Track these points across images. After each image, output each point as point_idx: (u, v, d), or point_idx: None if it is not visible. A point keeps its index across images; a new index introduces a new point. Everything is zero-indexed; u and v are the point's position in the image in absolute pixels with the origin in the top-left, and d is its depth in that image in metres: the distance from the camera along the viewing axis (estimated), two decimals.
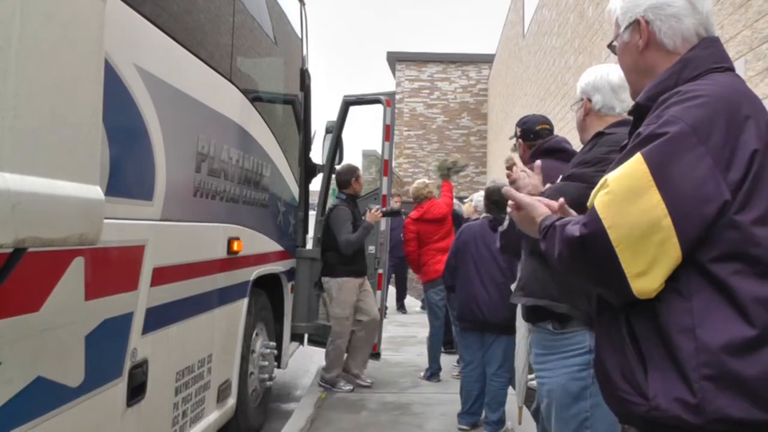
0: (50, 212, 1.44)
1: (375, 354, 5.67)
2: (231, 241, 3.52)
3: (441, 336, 6.02)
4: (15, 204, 1.31)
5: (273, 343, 4.52)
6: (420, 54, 20.47)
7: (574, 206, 2.00)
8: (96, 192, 1.60)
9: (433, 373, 5.90)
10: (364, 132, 8.10)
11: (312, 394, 5.06)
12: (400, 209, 5.51)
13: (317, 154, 5.76)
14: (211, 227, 3.30)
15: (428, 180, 6.53)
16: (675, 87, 1.31)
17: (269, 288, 4.56)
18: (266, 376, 4.38)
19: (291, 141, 5.06)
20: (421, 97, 20.13)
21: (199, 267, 3.15)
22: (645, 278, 1.18)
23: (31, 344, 1.84)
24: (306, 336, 5.65)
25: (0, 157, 1.30)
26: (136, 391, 2.55)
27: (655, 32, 1.41)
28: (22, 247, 1.43)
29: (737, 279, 1.16)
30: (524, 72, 13.66)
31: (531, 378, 5.48)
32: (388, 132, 5.29)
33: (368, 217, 5.17)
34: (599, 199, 1.24)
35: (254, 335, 4.23)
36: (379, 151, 5.58)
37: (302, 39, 5.33)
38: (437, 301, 5.84)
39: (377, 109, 5.47)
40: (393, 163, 5.56)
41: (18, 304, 1.76)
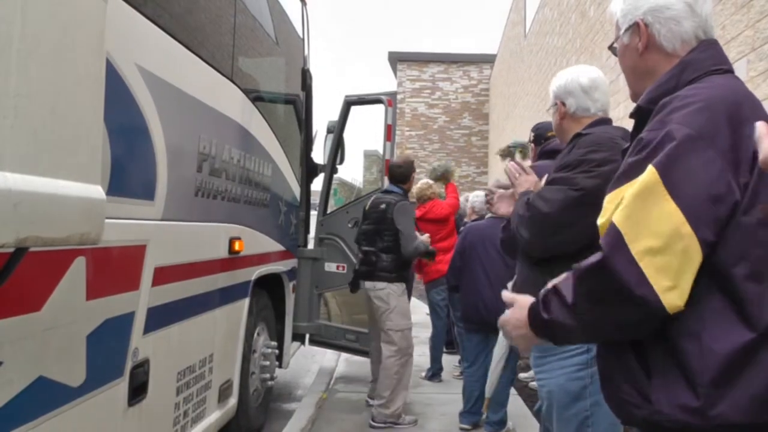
0: (51, 212, 1.44)
1: None
2: (232, 241, 3.52)
3: (443, 336, 6.01)
4: (16, 203, 1.31)
5: (274, 343, 4.53)
6: (421, 54, 20.44)
7: (562, 210, 2.01)
8: (97, 191, 1.60)
9: (435, 374, 5.89)
10: (366, 132, 8.07)
11: (313, 394, 5.06)
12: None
13: (318, 154, 5.77)
14: (213, 227, 3.30)
15: (431, 181, 6.51)
16: (675, 90, 1.31)
17: (270, 288, 4.56)
18: (267, 376, 4.38)
19: (292, 141, 5.06)
20: (423, 97, 20.10)
21: (201, 267, 3.15)
22: (675, 292, 1.14)
23: (33, 344, 1.84)
24: (307, 336, 5.64)
25: (1, 157, 1.30)
26: (138, 391, 2.55)
27: (655, 35, 1.42)
28: (24, 247, 1.43)
29: (743, 281, 1.15)
30: (526, 72, 13.65)
31: (529, 378, 5.49)
32: (390, 132, 5.29)
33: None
34: (618, 216, 1.20)
35: (255, 335, 4.23)
36: (381, 151, 5.57)
37: (303, 39, 5.33)
38: (439, 301, 5.84)
39: (379, 109, 5.46)
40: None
41: (19, 304, 1.76)
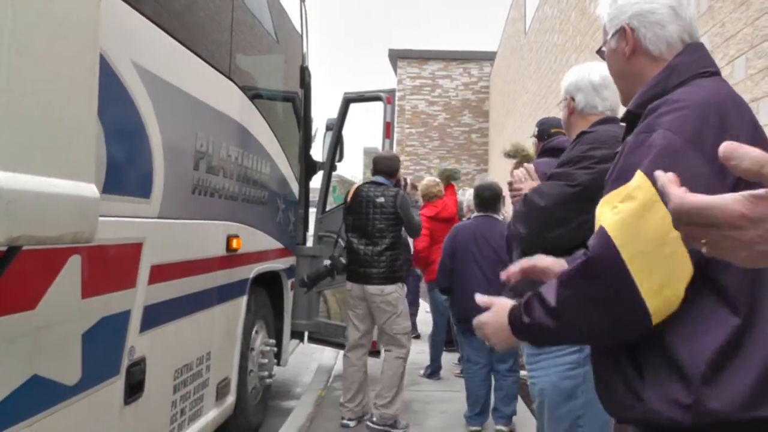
0: (44, 210, 1.43)
1: (374, 351, 5.63)
2: (230, 239, 3.51)
3: (443, 335, 6.00)
4: (8, 202, 1.30)
5: (273, 341, 4.52)
6: (421, 51, 20.41)
7: (556, 204, 2.02)
8: (91, 190, 1.59)
9: (434, 371, 5.89)
10: (366, 129, 8.05)
11: (312, 392, 5.06)
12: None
13: (318, 152, 5.76)
14: (210, 225, 3.29)
15: (438, 179, 6.49)
16: (663, 94, 1.31)
17: (269, 285, 4.55)
18: (266, 374, 4.38)
19: (291, 138, 5.05)
20: (423, 95, 20.08)
21: (198, 265, 3.15)
22: (664, 294, 1.15)
23: (28, 342, 1.83)
24: (306, 333, 5.63)
25: None
26: (134, 389, 2.54)
27: (641, 39, 1.43)
28: (17, 246, 1.42)
29: (727, 277, 1.16)
30: (526, 69, 13.63)
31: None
32: (389, 129, 5.28)
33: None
34: (608, 220, 1.20)
35: (254, 333, 4.23)
36: (380, 149, 5.56)
37: (302, 36, 5.32)
38: (443, 300, 5.82)
39: (379, 106, 5.45)
40: None
41: (14, 302, 1.76)
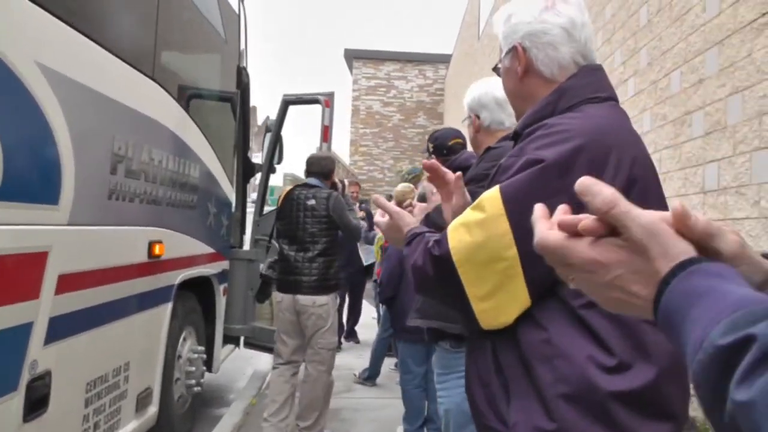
0: None
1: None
2: (152, 245, 3.40)
3: (387, 342, 5.96)
4: None
5: (201, 348, 4.41)
6: (377, 52, 20.40)
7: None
8: None
9: (371, 377, 5.84)
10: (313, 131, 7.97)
11: (243, 399, 4.96)
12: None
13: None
14: (129, 231, 3.18)
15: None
16: (552, 116, 1.28)
17: (200, 291, 4.44)
18: (193, 382, 4.26)
19: (225, 140, 4.93)
20: (378, 95, 20.07)
21: (115, 272, 3.03)
22: (488, 303, 1.18)
23: None
24: (242, 339, 5.53)
25: None
26: (37, 405, 2.42)
27: (533, 60, 1.39)
28: None
29: (588, 312, 1.14)
30: (479, 73, 13.74)
31: None
32: (327, 133, 5.21)
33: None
34: (453, 224, 1.25)
35: (182, 340, 4.11)
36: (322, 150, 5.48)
37: (240, 36, 5.20)
38: None
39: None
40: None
41: None
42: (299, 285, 4.08)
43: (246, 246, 5.48)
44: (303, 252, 4.11)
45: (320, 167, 4.35)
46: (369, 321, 8.16)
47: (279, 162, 5.50)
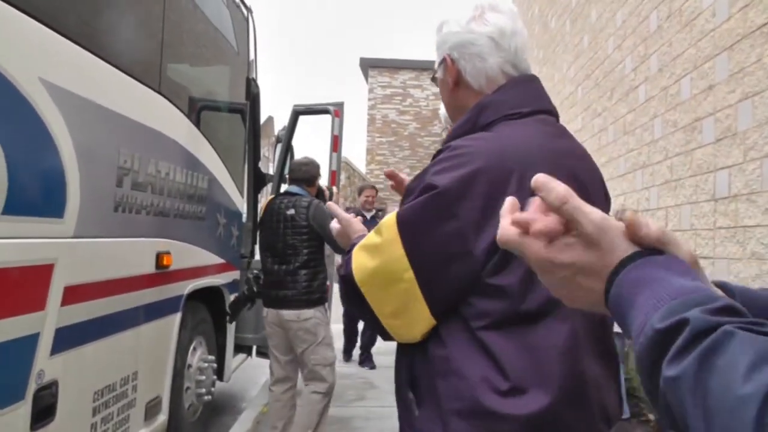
0: None
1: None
2: (160, 256, 3.44)
3: None
4: None
5: (212, 357, 4.45)
6: (393, 60, 20.46)
7: None
8: None
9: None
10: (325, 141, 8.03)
11: (254, 408, 4.99)
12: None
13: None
14: (136, 242, 3.22)
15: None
16: (472, 132, 1.26)
17: (211, 300, 4.48)
18: (204, 391, 4.30)
19: (235, 151, 4.98)
20: (394, 104, 20.12)
21: (122, 283, 3.08)
22: (396, 321, 1.21)
23: None
24: (254, 347, 5.57)
25: None
26: (43, 414, 2.47)
27: (461, 71, 1.36)
28: None
29: (487, 333, 1.14)
30: None
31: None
32: (336, 143, 5.24)
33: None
34: (358, 245, 1.28)
35: (191, 349, 4.15)
36: (328, 163, 5.51)
37: (249, 47, 5.25)
38: None
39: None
40: (342, 175, 5.50)
41: None
42: (283, 300, 3.91)
43: (257, 256, 5.51)
44: (285, 265, 3.94)
45: (302, 173, 4.16)
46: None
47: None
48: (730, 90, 4.29)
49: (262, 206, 4.19)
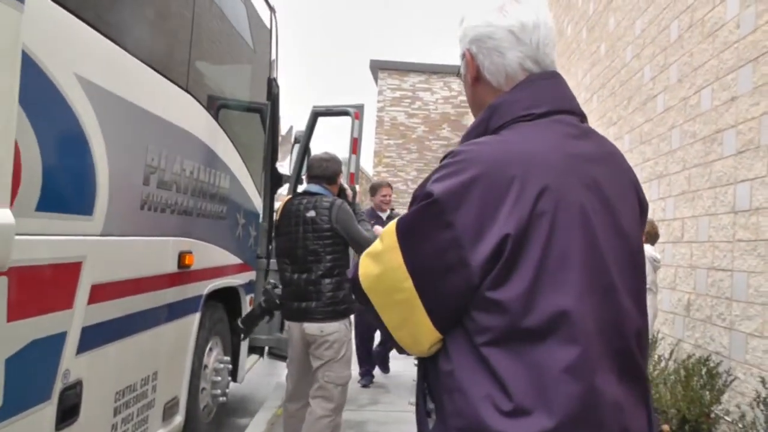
0: None
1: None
2: (182, 255, 3.42)
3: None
4: None
5: (227, 358, 4.42)
6: (403, 63, 20.42)
7: None
8: (5, 215, 1.51)
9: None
10: (341, 142, 8.03)
11: (267, 410, 4.96)
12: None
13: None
14: (160, 241, 3.20)
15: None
16: (484, 134, 1.20)
17: (227, 301, 4.46)
18: (219, 392, 4.28)
19: (255, 152, 4.97)
20: (402, 107, 20.09)
21: (145, 282, 3.06)
22: (402, 332, 1.18)
23: None
24: (266, 349, 5.54)
25: None
26: (68, 414, 2.45)
27: (480, 67, 1.27)
28: None
29: (491, 350, 1.08)
30: None
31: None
32: (355, 145, 5.23)
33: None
34: (366, 252, 1.24)
35: (208, 350, 4.13)
36: (346, 165, 5.50)
37: (271, 47, 5.25)
38: None
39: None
40: (358, 176, 5.48)
41: None
42: (305, 312, 3.51)
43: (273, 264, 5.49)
44: (306, 273, 3.52)
45: (322, 170, 3.71)
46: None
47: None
48: (754, 102, 4.27)
49: (278, 208, 3.86)
